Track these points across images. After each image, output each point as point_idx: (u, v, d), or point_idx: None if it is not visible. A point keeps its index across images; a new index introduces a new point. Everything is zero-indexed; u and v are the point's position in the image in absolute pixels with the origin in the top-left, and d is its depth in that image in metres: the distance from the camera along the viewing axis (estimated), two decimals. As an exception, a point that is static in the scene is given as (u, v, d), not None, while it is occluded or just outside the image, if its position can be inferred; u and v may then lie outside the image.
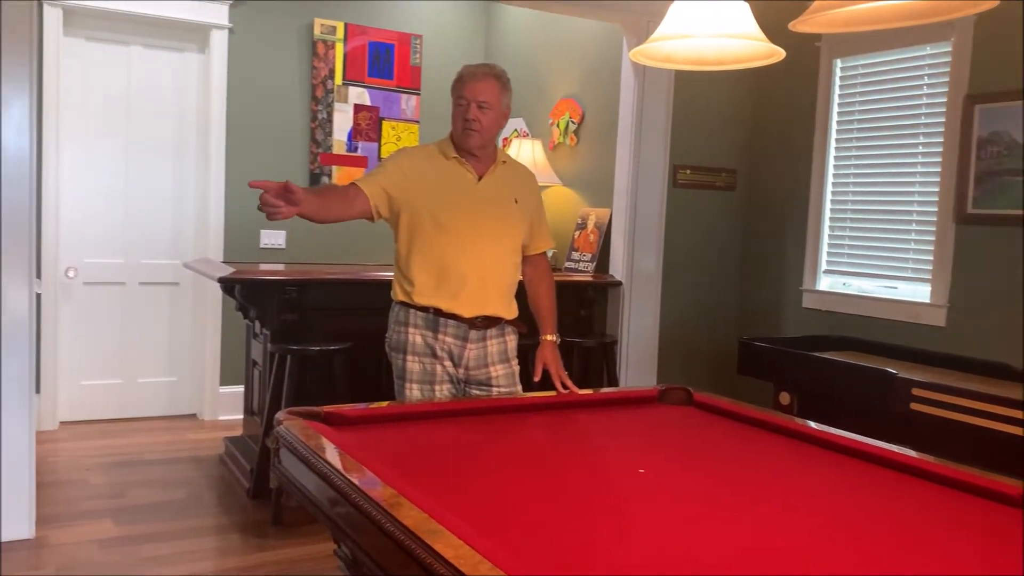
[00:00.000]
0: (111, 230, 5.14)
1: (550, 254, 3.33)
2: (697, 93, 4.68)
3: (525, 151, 5.07)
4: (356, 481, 1.64)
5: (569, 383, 2.77)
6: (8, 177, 3.23)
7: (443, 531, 1.39)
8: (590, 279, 4.66)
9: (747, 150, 4.86)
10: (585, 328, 4.69)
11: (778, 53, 2.34)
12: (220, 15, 5.15)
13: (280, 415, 2.12)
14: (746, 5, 2.30)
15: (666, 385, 2.75)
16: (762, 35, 2.29)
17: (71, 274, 5.02)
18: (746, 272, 4.89)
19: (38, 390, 4.67)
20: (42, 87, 4.59)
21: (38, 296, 3.67)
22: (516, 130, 5.58)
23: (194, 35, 5.21)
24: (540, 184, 3.15)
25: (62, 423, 5.03)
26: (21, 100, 3.24)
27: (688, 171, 4.75)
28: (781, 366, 3.86)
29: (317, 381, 3.86)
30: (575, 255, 4.91)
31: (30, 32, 3.24)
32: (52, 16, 4.76)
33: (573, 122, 5.11)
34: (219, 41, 5.17)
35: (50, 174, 4.80)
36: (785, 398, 3.86)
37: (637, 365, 4.65)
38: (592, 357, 4.59)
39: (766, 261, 4.75)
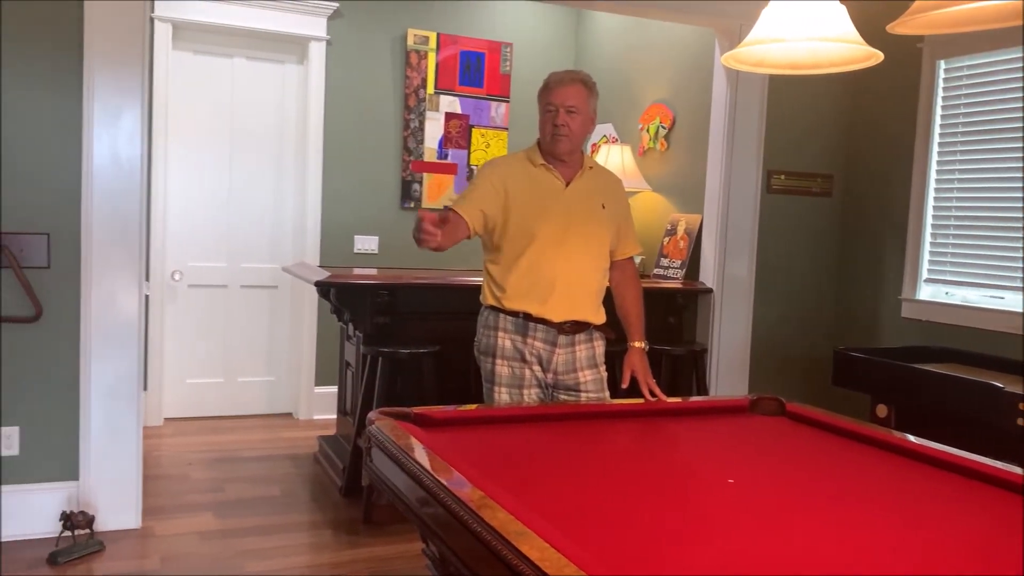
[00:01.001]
0: (215, 235, 5.37)
1: (638, 260, 3.32)
2: (792, 96, 4.58)
3: (614, 156, 5.06)
4: (444, 481, 1.67)
5: (657, 391, 2.75)
6: (121, 185, 3.41)
7: (529, 533, 1.40)
8: (679, 286, 4.61)
9: (844, 155, 4.72)
10: (674, 336, 4.64)
11: (876, 56, 2.27)
12: (319, 28, 5.32)
13: (372, 415, 2.17)
14: (842, 6, 2.25)
15: (757, 395, 2.70)
16: (859, 37, 2.23)
17: (177, 277, 5.26)
18: (842, 280, 4.75)
19: (145, 387, 4.91)
20: (152, 99, 4.83)
21: (146, 298, 3.86)
22: (605, 136, 5.57)
23: (294, 47, 5.40)
24: (629, 190, 3.15)
25: (167, 419, 5.27)
26: (133, 111, 3.42)
27: (782, 176, 4.65)
28: (879, 377, 3.73)
29: (407, 383, 3.94)
30: (664, 261, 4.86)
31: (142, 47, 3.42)
32: (162, 31, 5.00)
33: (663, 127, 5.07)
34: (317, 53, 5.34)
35: (159, 182, 5.05)
36: (882, 410, 3.72)
37: (727, 374, 4.57)
38: (681, 365, 4.54)
39: (863, 269, 4.60)
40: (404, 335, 3.99)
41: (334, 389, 4.91)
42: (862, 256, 4.62)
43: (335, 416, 4.85)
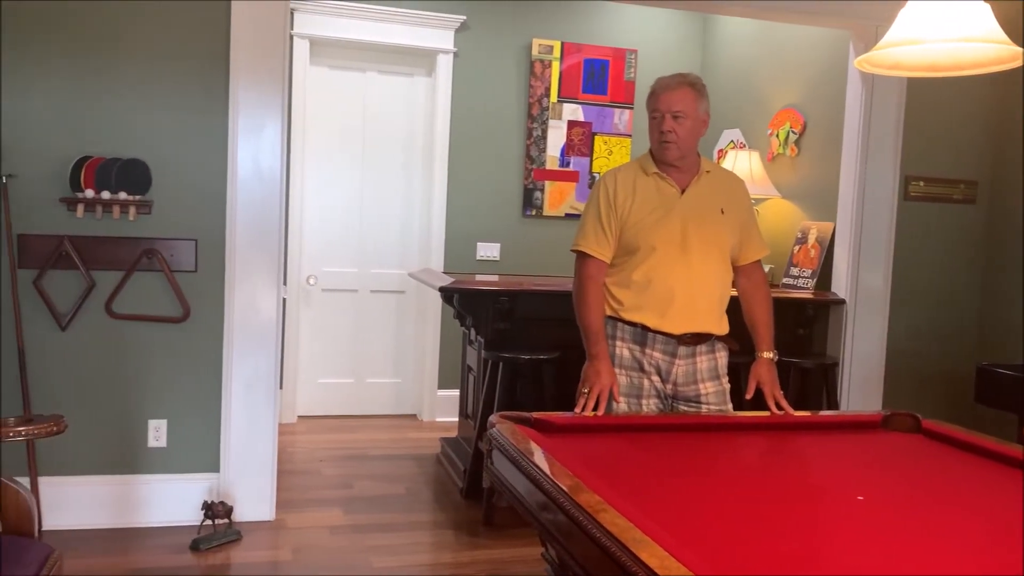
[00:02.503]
0: (346, 241, 5.59)
1: (767, 269, 3.23)
2: (932, 98, 4.35)
3: (741, 162, 4.95)
4: (563, 486, 1.69)
5: (784, 404, 2.67)
6: (262, 194, 3.61)
7: (648, 541, 1.40)
8: (810, 296, 4.46)
9: (990, 160, 4.45)
10: (803, 347, 4.49)
11: (1021, 56, 2.14)
12: (446, 40, 5.46)
13: (493, 418, 2.22)
14: (986, 5, 2.12)
15: (891, 410, 2.59)
16: (1005, 37, 2.10)
17: (311, 281, 5.51)
18: (987, 292, 4.47)
19: (281, 386, 5.15)
20: (291, 112, 5.08)
21: (283, 301, 4.06)
22: (732, 141, 5.46)
23: (423, 60, 5.56)
24: (756, 196, 3.06)
25: (300, 417, 5.52)
26: (274, 124, 3.61)
27: (921, 183, 4.43)
28: (1028, 396, 3.50)
29: (527, 388, 3.98)
30: (794, 271, 4.72)
31: (283, 64, 3.61)
32: (301, 47, 5.26)
33: (794, 132, 4.92)
34: (444, 65, 5.48)
35: (295, 191, 5.30)
36: (1032, 432, 3.49)
37: (860, 388, 4.39)
38: (810, 378, 4.39)
39: (1010, 281, 4.32)
40: (524, 341, 4.03)
41: (456, 392, 5.01)
42: (1010, 266, 4.34)
43: (457, 419, 4.96)
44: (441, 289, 4.04)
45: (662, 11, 5.79)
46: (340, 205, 5.56)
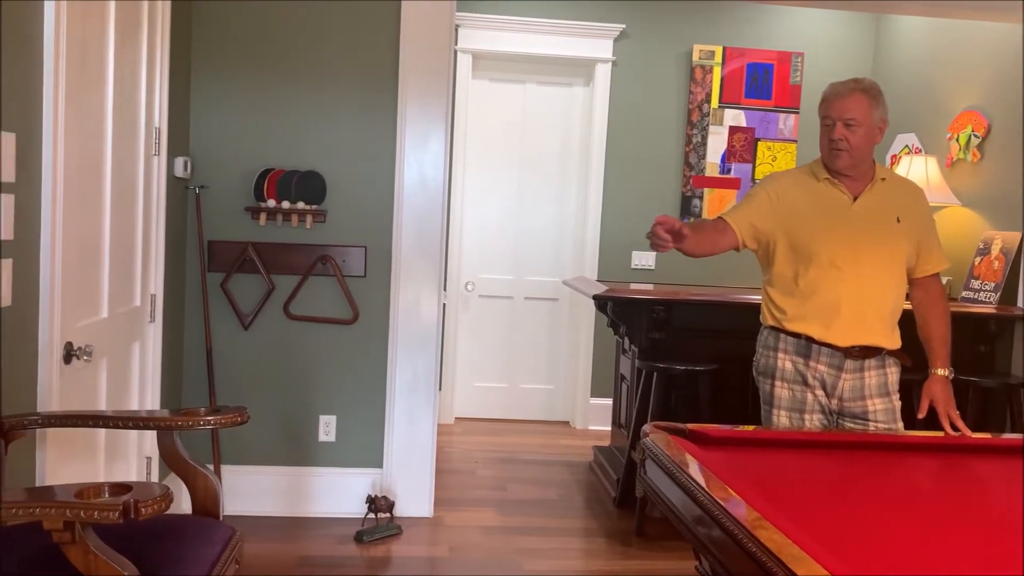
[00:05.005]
0: (503, 249, 5.72)
1: (944, 281, 3.04)
2: None
3: (917, 168, 4.68)
4: (719, 499, 1.67)
5: (961, 424, 2.51)
6: (425, 204, 3.76)
7: (806, 558, 1.37)
8: (992, 311, 4.15)
9: None
10: (984, 366, 4.18)
11: None
12: (605, 50, 5.49)
13: (647, 427, 2.21)
14: None
15: (1085, 437, 2.38)
16: None
17: (469, 288, 5.68)
18: None
19: (440, 387, 5.33)
20: (453, 124, 5.26)
21: (443, 306, 4.21)
22: (907, 146, 5.17)
23: (581, 70, 5.61)
24: (934, 204, 2.91)
25: (457, 418, 5.69)
26: (438, 137, 3.76)
27: (1126, 188, 4.03)
28: None
29: (682, 399, 3.93)
30: (975, 283, 4.40)
31: (447, 78, 3.75)
32: (464, 62, 5.44)
33: (976, 136, 4.60)
34: (603, 74, 5.50)
35: (456, 200, 5.48)
36: None
37: (1049, 412, 4.03)
38: (992, 399, 4.08)
39: None
40: (679, 351, 3.98)
41: (608, 401, 5.01)
42: None
43: (609, 427, 4.95)
44: (595, 297, 4.05)
45: (829, 12, 5.57)
46: (497, 214, 5.70)
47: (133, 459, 3.09)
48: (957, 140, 4.75)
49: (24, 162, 2.19)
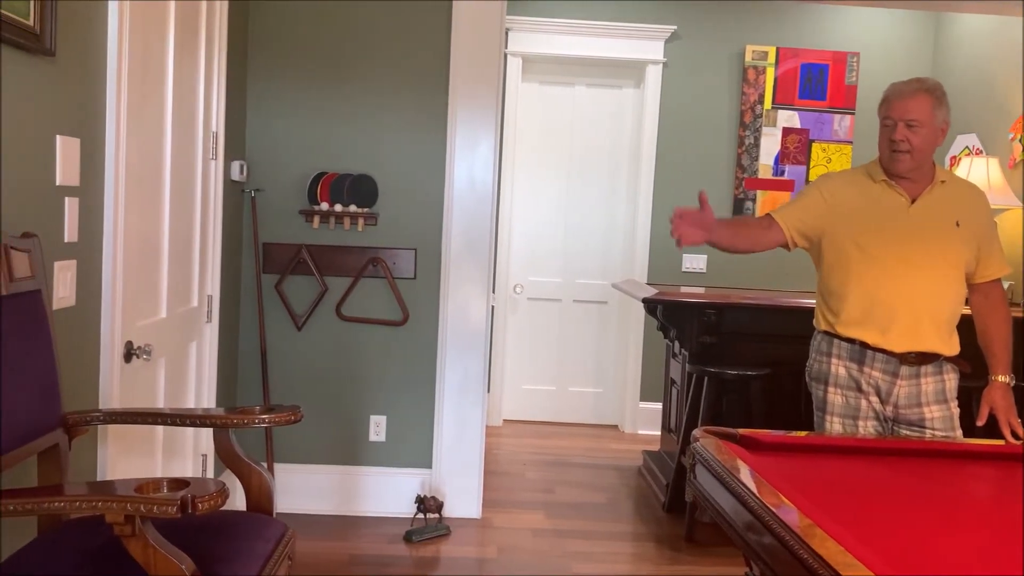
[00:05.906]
0: (552, 252, 5.72)
1: (1005, 286, 2.96)
2: None
3: (978, 170, 4.56)
4: (771, 505, 1.65)
5: (1021, 432, 2.44)
6: (474, 207, 3.78)
7: (859, 565, 1.34)
8: (1056, 316, 4.02)
9: None
10: (1047, 373, 4.05)
11: None
12: (656, 51, 5.46)
13: (697, 432, 2.20)
14: None
15: None
16: None
17: (518, 290, 5.69)
18: None
19: (488, 389, 5.36)
20: (502, 127, 5.28)
21: (492, 308, 4.23)
22: (967, 147, 5.04)
23: (631, 72, 5.59)
24: (995, 207, 2.83)
25: (505, 420, 5.71)
26: (488, 140, 3.78)
27: None
28: None
29: (733, 404, 3.88)
30: (1037, 288, 4.27)
31: (497, 82, 3.77)
32: (513, 65, 5.45)
33: (1039, 136, 4.46)
34: (653, 76, 5.47)
35: (505, 203, 5.50)
36: None
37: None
38: (1055, 407, 3.95)
39: None
40: (730, 355, 3.94)
41: (658, 405, 4.97)
42: None
43: (659, 432, 4.91)
44: (645, 300, 4.03)
45: (886, 11, 5.45)
46: (546, 217, 5.70)
47: (189, 456, 3.16)
48: (1020, 140, 4.61)
49: (87, 166, 2.26)
